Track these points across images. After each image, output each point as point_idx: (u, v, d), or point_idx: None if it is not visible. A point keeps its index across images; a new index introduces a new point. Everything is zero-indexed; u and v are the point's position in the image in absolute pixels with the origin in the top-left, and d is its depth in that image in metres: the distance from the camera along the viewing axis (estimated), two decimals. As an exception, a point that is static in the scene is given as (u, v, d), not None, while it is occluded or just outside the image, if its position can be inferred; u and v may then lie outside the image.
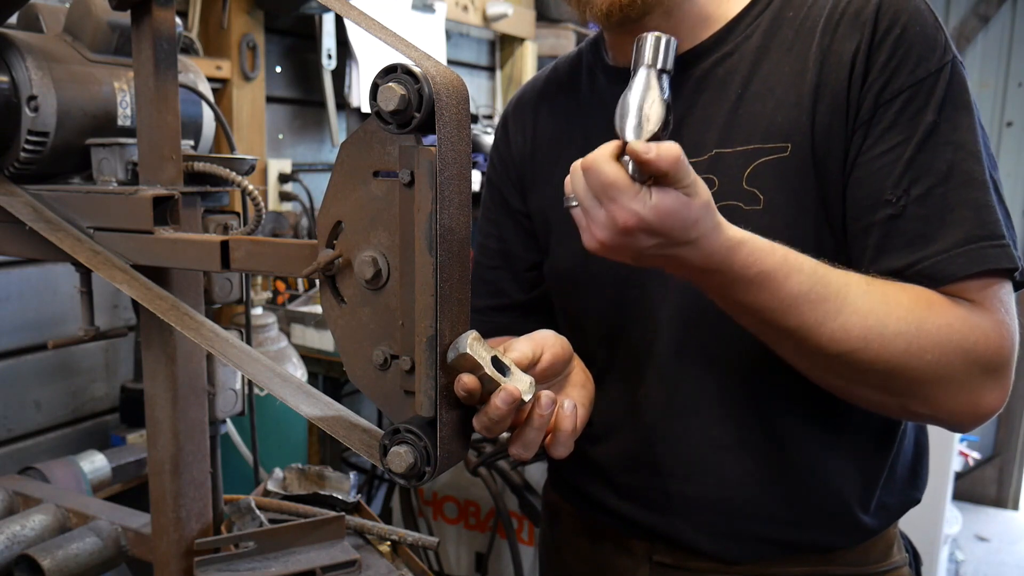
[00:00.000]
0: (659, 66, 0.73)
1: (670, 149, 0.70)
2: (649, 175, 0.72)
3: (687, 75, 0.99)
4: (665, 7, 0.95)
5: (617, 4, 0.92)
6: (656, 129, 0.72)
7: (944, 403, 0.85)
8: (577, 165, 0.76)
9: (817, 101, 0.90)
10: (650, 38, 0.73)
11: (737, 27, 0.97)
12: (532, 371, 0.83)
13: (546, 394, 0.74)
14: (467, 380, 0.67)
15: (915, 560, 1.13)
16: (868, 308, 0.82)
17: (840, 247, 0.92)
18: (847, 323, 0.81)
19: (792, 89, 0.92)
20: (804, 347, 0.84)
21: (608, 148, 0.73)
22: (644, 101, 0.72)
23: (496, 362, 0.69)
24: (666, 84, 0.73)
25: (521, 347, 0.81)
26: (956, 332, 0.82)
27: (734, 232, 0.78)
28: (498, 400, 0.68)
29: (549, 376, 0.86)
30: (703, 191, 0.74)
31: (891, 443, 1.01)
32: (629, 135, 0.72)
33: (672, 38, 0.74)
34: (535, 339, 0.85)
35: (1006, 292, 0.86)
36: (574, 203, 0.77)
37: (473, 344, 0.66)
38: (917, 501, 1.06)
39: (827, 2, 0.93)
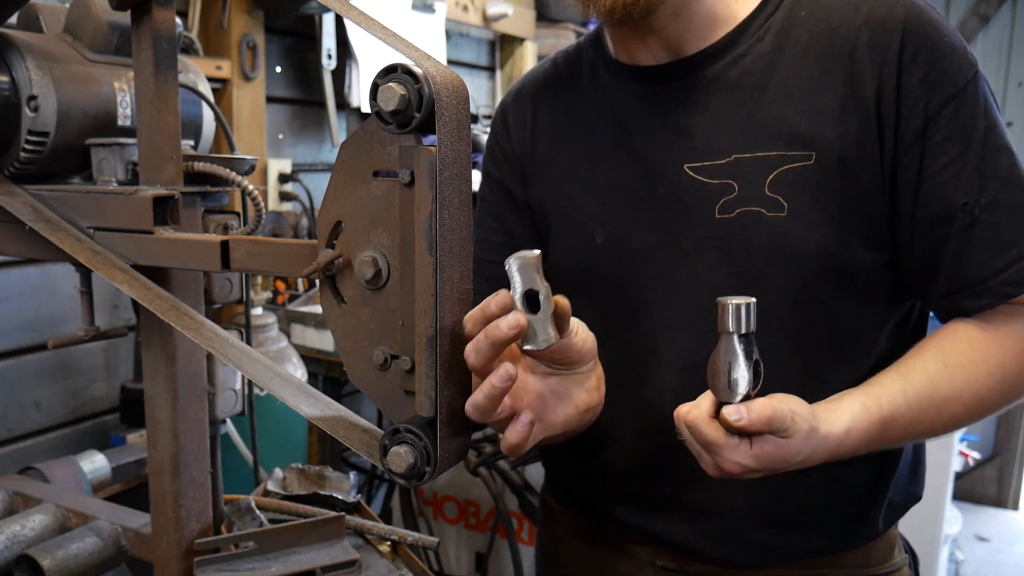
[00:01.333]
0: (742, 332, 0.76)
1: (761, 411, 0.76)
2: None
3: (698, 77, 0.97)
4: (671, 7, 0.94)
5: (620, 2, 0.91)
6: (745, 392, 0.77)
7: None
8: (680, 414, 0.81)
9: (845, 111, 0.90)
10: (731, 307, 0.76)
11: (748, 28, 0.96)
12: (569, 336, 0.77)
13: (505, 367, 0.68)
14: (519, 318, 0.65)
15: (914, 561, 1.13)
16: (960, 389, 0.90)
17: (872, 257, 0.93)
18: (952, 414, 0.90)
19: (813, 95, 0.91)
20: (924, 437, 0.95)
21: (705, 407, 0.79)
22: (732, 368, 0.77)
23: (530, 296, 0.68)
24: (752, 345, 0.77)
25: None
26: None
27: (837, 429, 0.84)
28: (493, 304, 0.66)
29: (571, 360, 0.80)
30: (801, 424, 0.79)
31: (898, 448, 1.01)
32: (721, 396, 0.78)
33: (752, 303, 0.76)
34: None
35: None
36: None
37: (536, 265, 0.67)
38: (918, 498, 1.07)
39: (842, 6, 0.92)
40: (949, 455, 2.81)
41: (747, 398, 0.77)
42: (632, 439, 1.04)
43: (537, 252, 0.68)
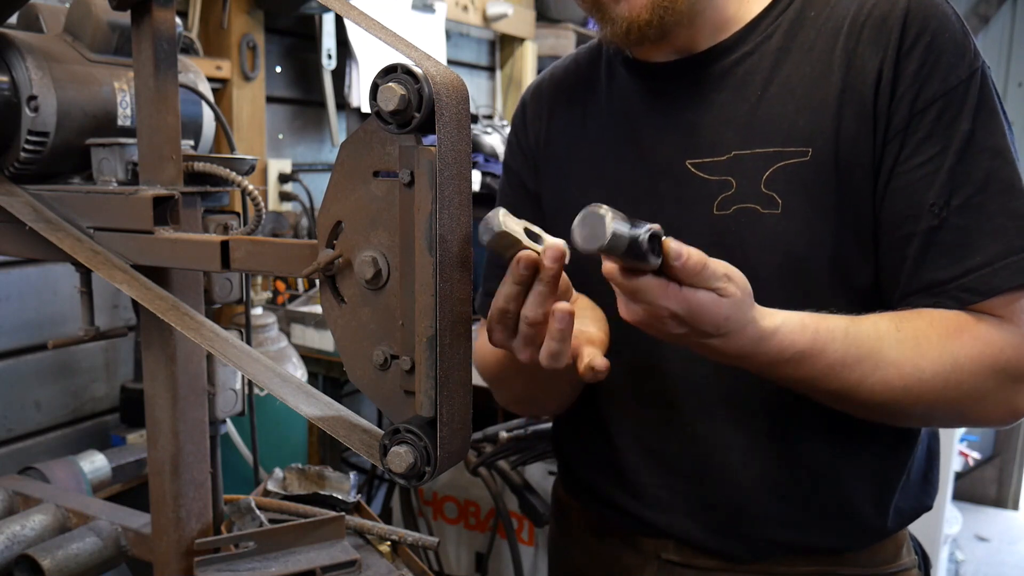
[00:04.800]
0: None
1: (698, 258, 0.71)
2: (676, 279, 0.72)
3: (705, 73, 0.98)
4: (685, 19, 0.94)
5: (636, 25, 0.92)
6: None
7: (981, 416, 0.90)
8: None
9: (842, 107, 0.90)
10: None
11: (758, 27, 0.96)
12: None
13: (560, 306, 0.72)
14: (527, 256, 0.68)
15: (924, 562, 1.12)
16: (904, 357, 0.84)
17: (864, 255, 0.92)
18: (886, 376, 0.84)
19: (814, 92, 0.91)
20: (848, 404, 0.88)
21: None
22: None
23: (529, 233, 0.70)
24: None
25: None
26: (988, 356, 0.85)
27: (768, 322, 0.80)
28: (547, 260, 0.68)
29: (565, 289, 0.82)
30: (734, 290, 0.74)
31: (907, 449, 1.01)
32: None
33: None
34: None
35: None
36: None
37: (506, 220, 0.66)
38: (929, 507, 1.06)
39: (851, 3, 0.92)
40: (949, 455, 2.81)
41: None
42: (637, 431, 1.05)
43: (496, 209, 0.67)
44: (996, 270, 0.85)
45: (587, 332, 0.84)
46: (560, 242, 0.70)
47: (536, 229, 0.71)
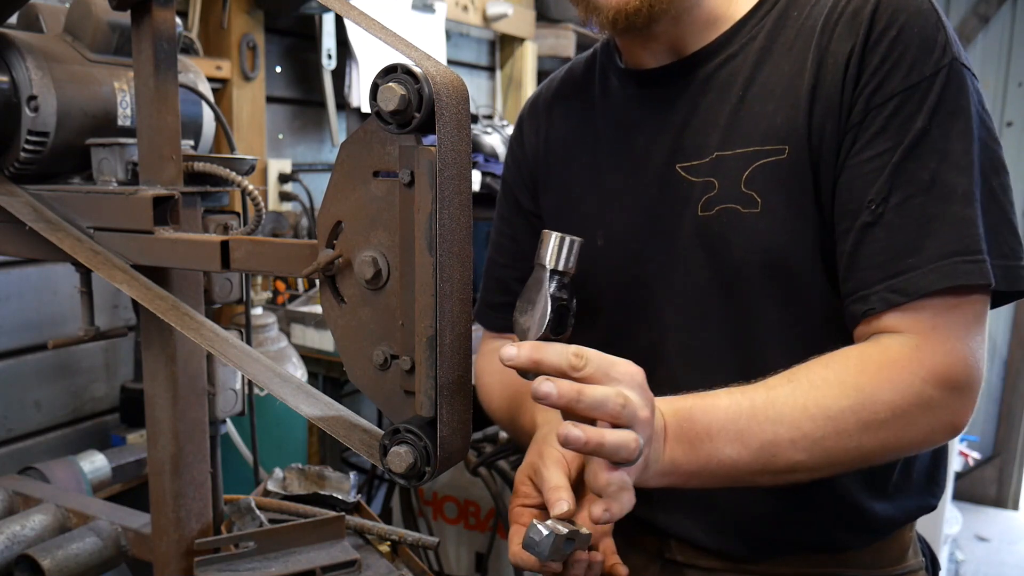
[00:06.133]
0: (556, 267, 0.74)
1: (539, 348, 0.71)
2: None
3: (692, 77, 0.98)
4: (672, 14, 0.94)
5: (623, 12, 0.92)
6: (542, 331, 0.75)
7: (919, 441, 0.86)
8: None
9: (813, 103, 0.89)
10: (553, 238, 0.73)
11: (743, 28, 0.97)
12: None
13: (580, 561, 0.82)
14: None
15: (932, 564, 1.12)
16: (804, 400, 0.82)
17: None
18: (794, 421, 0.81)
19: (791, 90, 0.91)
20: (779, 462, 0.83)
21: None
22: (535, 304, 0.75)
23: (567, 541, 0.77)
24: (565, 288, 0.74)
25: (556, 477, 0.85)
26: (901, 382, 0.82)
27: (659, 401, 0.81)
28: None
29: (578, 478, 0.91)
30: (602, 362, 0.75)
31: None
32: (519, 332, 0.77)
33: (576, 241, 0.72)
34: (563, 458, 0.88)
35: (965, 313, 0.84)
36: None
37: (555, 545, 0.74)
38: (933, 507, 1.05)
39: (828, 1, 0.92)
40: (949, 455, 2.81)
41: (546, 339, 0.73)
42: None
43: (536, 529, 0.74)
44: (924, 273, 0.83)
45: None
46: (597, 555, 0.84)
47: (573, 529, 0.78)
